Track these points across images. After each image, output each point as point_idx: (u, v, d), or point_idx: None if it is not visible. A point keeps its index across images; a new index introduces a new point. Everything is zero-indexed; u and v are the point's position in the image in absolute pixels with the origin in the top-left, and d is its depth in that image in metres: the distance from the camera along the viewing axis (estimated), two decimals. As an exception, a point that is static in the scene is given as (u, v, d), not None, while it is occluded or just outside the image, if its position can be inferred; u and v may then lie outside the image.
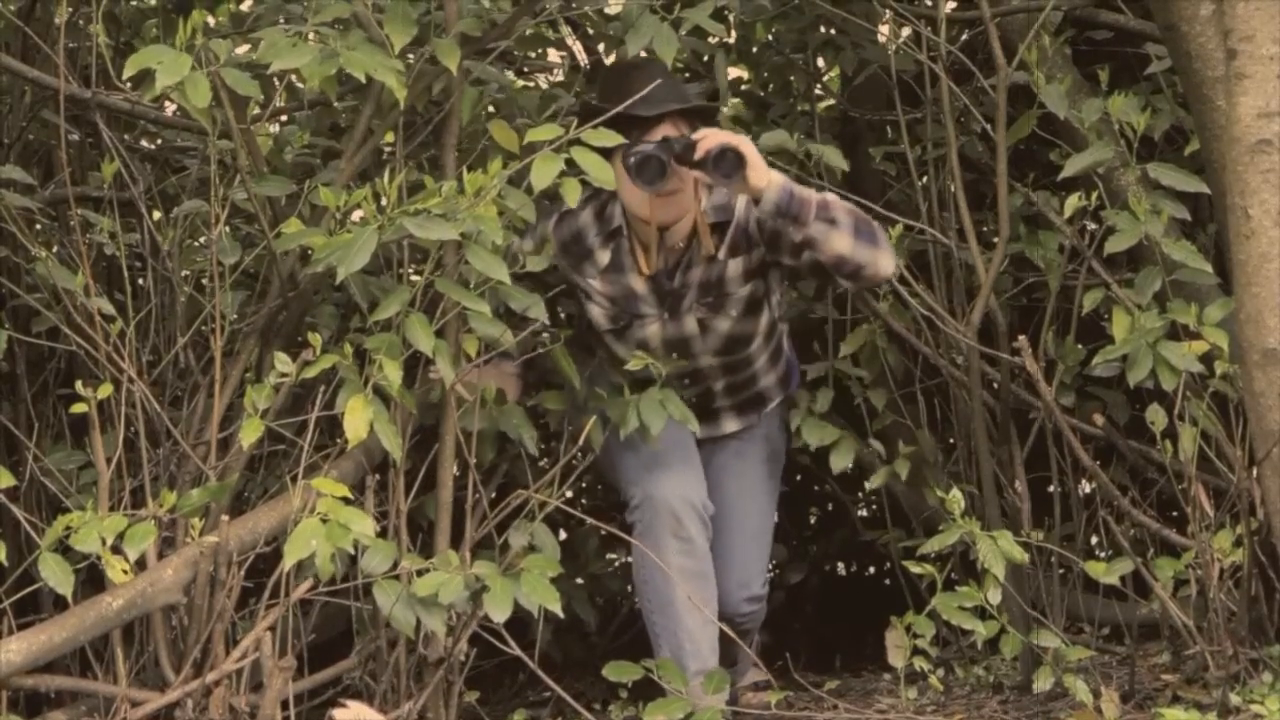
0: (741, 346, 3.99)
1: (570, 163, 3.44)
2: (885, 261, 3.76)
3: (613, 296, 3.90)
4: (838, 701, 4.21)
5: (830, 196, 3.78)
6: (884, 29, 4.87)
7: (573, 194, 3.51)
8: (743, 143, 3.67)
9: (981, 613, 3.78)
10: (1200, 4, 3.77)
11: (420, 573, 3.50)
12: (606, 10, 4.69)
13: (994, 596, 3.76)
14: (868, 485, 4.55)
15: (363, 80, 3.52)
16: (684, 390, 3.97)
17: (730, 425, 4.15)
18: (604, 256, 3.85)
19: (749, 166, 3.63)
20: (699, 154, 3.65)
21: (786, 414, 4.32)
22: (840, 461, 4.44)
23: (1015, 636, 3.83)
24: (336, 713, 3.30)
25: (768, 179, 3.66)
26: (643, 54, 3.91)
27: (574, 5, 4.42)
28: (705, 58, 4.76)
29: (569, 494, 3.98)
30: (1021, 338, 4.11)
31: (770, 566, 4.50)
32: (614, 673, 3.77)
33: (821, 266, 3.79)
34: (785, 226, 3.71)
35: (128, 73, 3.41)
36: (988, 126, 4.30)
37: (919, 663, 3.84)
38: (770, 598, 4.44)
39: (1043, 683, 3.84)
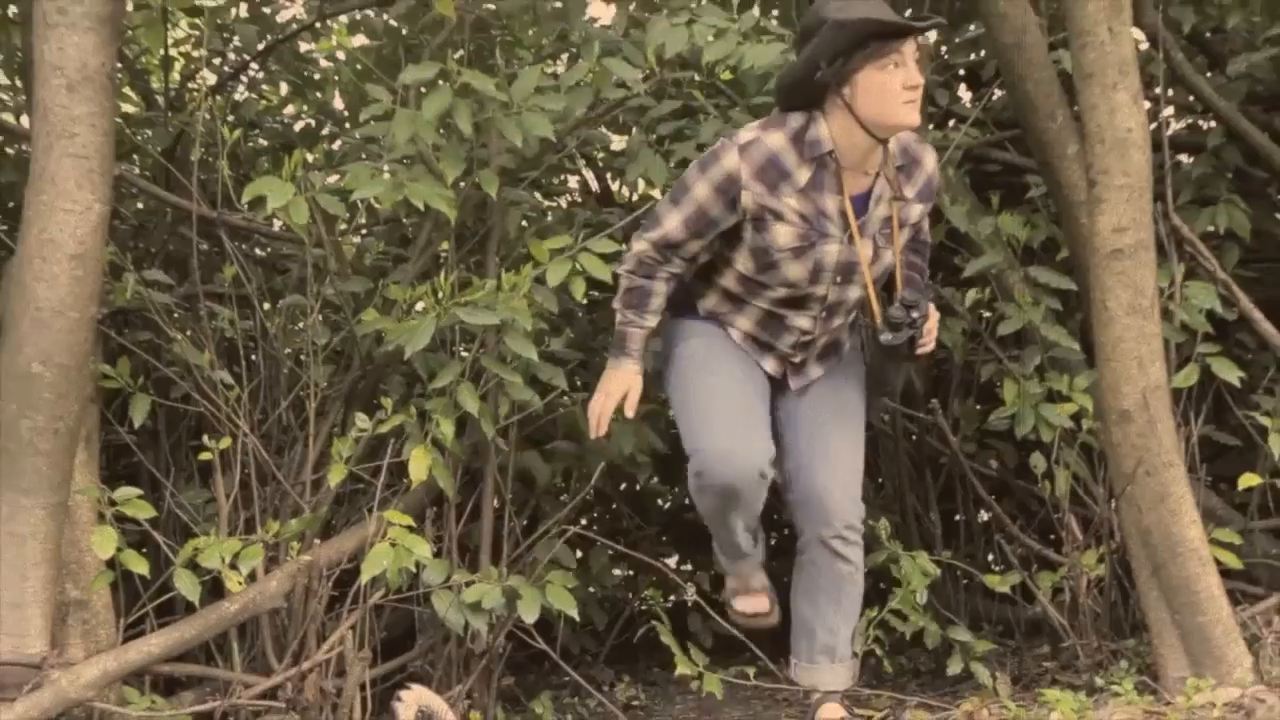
0: (887, 281, 3.27)
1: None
2: None
3: (806, 214, 3.10)
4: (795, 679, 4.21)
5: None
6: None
7: (578, 291, 3.55)
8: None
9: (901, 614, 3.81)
10: (1068, 145, 3.81)
11: (468, 584, 3.51)
12: (612, 148, 4.73)
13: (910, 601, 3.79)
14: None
15: (422, 205, 3.51)
16: (786, 339, 3.27)
17: (815, 371, 3.34)
18: (803, 175, 3.08)
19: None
20: (923, 347, 3.21)
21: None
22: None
23: (934, 632, 3.82)
24: (403, 694, 3.29)
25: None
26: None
27: (587, 144, 4.46)
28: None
29: (584, 521, 3.97)
30: (934, 401, 4.15)
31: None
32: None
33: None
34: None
35: (245, 198, 3.44)
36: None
37: (875, 648, 3.86)
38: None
39: (953, 668, 3.83)
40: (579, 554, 4.55)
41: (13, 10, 4.25)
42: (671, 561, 5.23)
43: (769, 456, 3.14)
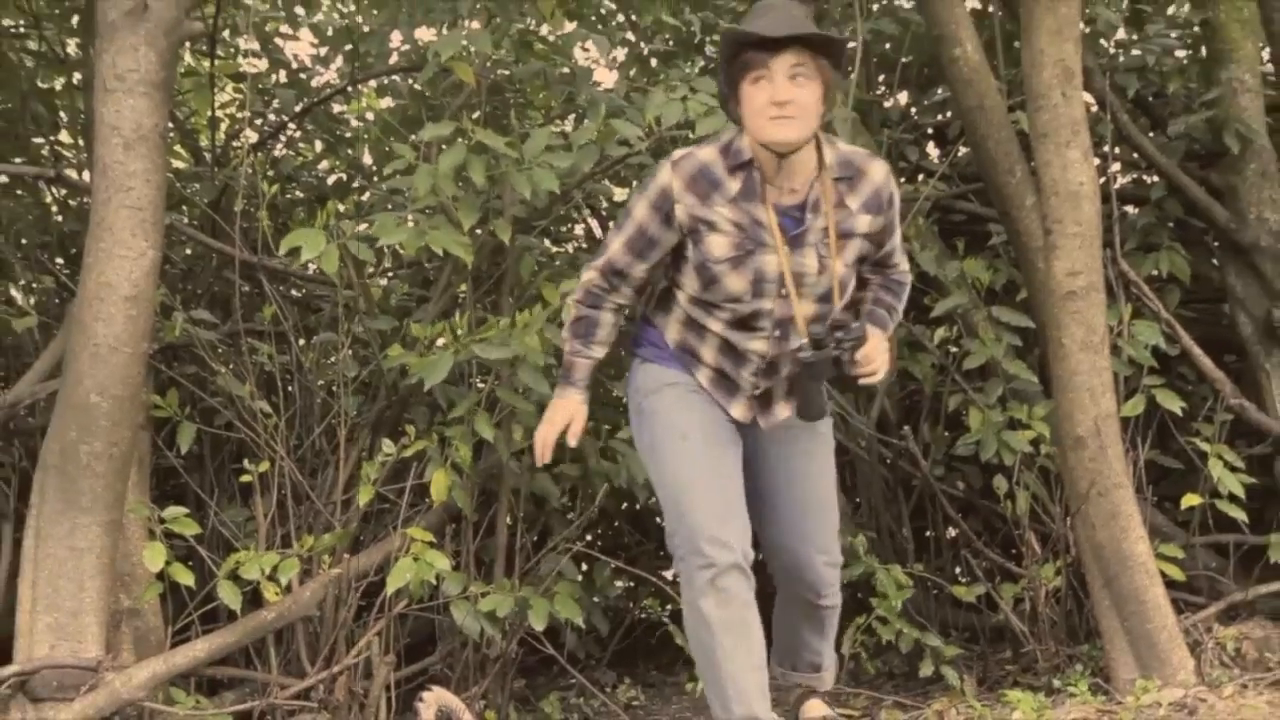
0: (837, 299, 2.81)
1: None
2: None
3: (740, 223, 2.73)
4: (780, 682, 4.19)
5: (887, 328, 2.94)
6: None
7: None
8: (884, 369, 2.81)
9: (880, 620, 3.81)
10: (1026, 197, 3.82)
11: (483, 595, 3.51)
12: (615, 199, 4.75)
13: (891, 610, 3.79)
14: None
15: (441, 251, 3.52)
16: (750, 371, 2.84)
17: (783, 411, 2.92)
18: (734, 185, 2.73)
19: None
20: (862, 374, 2.77)
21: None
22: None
23: (909, 637, 3.82)
24: (424, 695, 3.29)
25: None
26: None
27: (592, 196, 4.48)
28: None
29: (588, 538, 3.97)
30: (906, 428, 4.15)
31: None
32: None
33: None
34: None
35: (283, 249, 3.45)
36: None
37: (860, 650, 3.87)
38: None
39: (924, 671, 3.83)
40: (583, 567, 4.57)
41: (77, 77, 4.29)
42: (668, 574, 5.22)
43: (747, 544, 2.77)
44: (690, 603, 2.71)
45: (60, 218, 4.57)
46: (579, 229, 5.17)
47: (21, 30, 4.37)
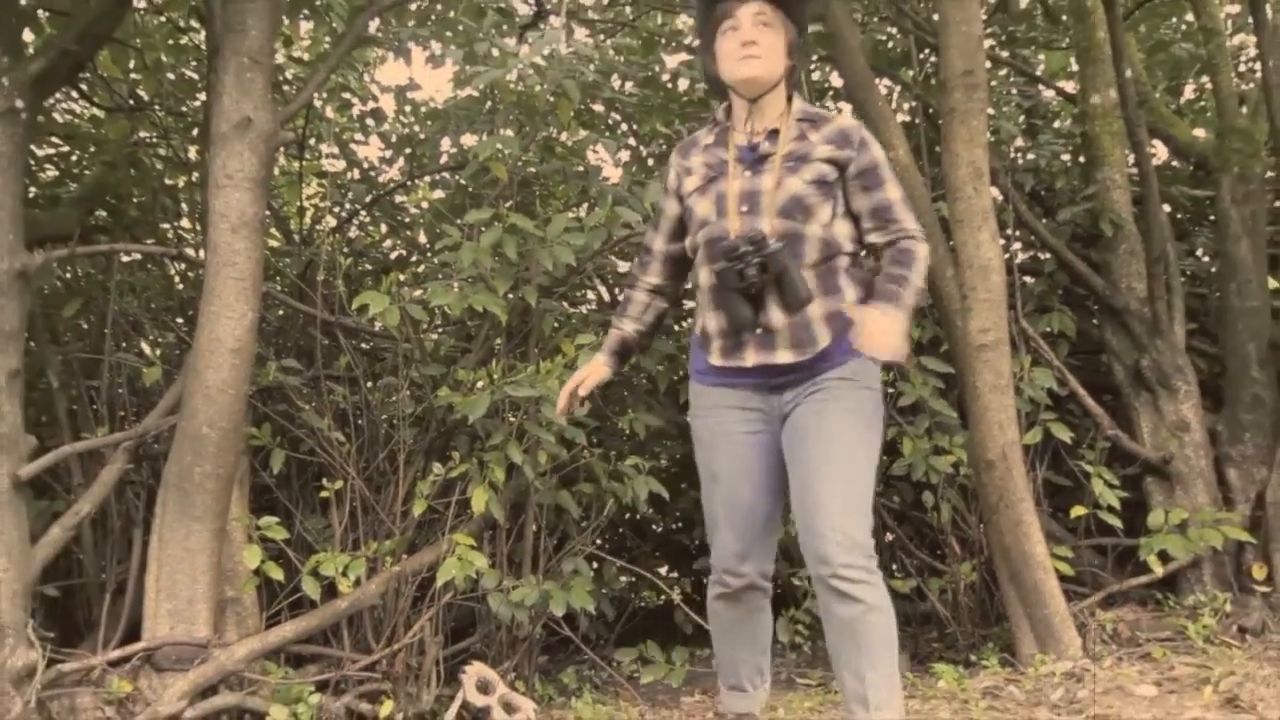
0: (800, 216, 2.42)
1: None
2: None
3: (709, 163, 2.54)
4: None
5: (906, 299, 2.41)
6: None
7: None
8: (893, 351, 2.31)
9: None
10: (946, 270, 3.86)
11: (514, 587, 3.54)
12: (620, 270, 4.78)
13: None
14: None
15: (481, 311, 3.58)
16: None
17: (785, 355, 2.42)
18: (709, 139, 2.57)
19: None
20: (863, 345, 2.32)
21: (873, 393, 2.48)
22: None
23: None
24: (467, 669, 3.32)
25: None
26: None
27: (602, 268, 4.52)
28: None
29: (598, 542, 3.98)
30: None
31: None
32: (622, 655, 3.71)
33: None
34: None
35: (354, 307, 3.50)
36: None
37: (797, 638, 3.87)
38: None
39: (866, 650, 3.84)
40: (595, 565, 4.59)
41: (195, 176, 4.37)
42: (663, 570, 5.24)
43: (767, 566, 2.57)
44: (709, 599, 2.64)
45: (181, 286, 4.61)
46: (590, 295, 5.21)
47: (154, 140, 4.45)
